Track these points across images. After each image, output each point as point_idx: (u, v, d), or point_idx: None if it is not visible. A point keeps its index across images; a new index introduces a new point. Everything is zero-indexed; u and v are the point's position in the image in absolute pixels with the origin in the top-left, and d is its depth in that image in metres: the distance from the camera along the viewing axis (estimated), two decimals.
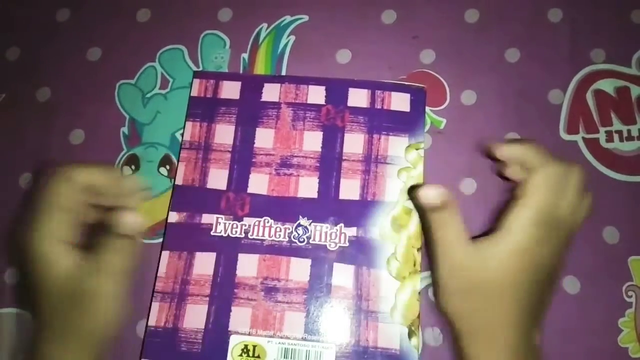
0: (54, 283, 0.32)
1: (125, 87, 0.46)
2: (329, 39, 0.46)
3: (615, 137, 0.42)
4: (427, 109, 0.43)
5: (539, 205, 0.31)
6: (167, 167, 0.44)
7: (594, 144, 0.42)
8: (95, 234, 0.33)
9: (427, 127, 0.43)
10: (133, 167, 0.44)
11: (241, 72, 0.45)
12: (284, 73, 0.45)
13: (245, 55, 0.46)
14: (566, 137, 0.43)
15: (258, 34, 0.46)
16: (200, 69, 0.46)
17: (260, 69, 0.45)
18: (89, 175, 0.34)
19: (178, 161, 0.42)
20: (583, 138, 0.43)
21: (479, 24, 0.45)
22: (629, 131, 0.43)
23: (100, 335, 0.33)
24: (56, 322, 0.32)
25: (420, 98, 0.42)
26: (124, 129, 0.45)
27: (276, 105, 0.43)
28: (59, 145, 0.45)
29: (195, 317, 0.38)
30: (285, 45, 0.46)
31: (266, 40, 0.46)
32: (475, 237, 0.32)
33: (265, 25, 0.47)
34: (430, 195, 0.30)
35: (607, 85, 0.44)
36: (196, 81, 0.44)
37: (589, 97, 0.43)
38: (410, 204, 0.40)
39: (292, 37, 0.46)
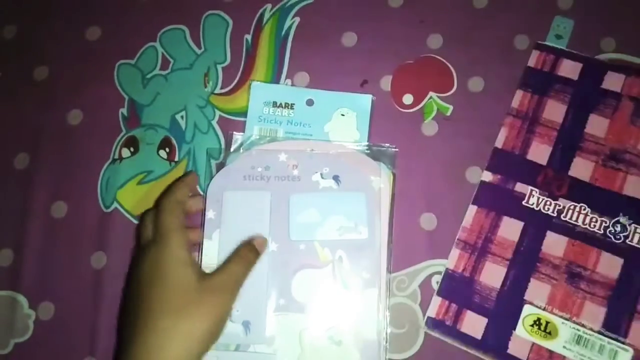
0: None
1: (124, 67, 0.45)
2: (334, 21, 0.45)
3: None
4: (434, 95, 0.42)
5: None
6: (167, 149, 0.43)
7: None
8: None
9: (449, 113, 0.42)
10: (132, 149, 0.43)
11: (244, 52, 0.44)
12: (287, 55, 0.44)
13: (248, 37, 0.45)
14: None
15: (262, 15, 0.45)
16: (202, 50, 0.45)
17: (263, 50, 0.44)
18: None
19: (502, 126, 0.41)
20: None
21: (487, 10, 0.44)
22: None
23: None
24: None
25: None
26: (123, 110, 0.44)
27: (617, 96, 0.41)
28: (56, 126, 0.44)
29: (493, 275, 0.39)
30: (290, 26, 0.45)
31: (270, 22, 0.45)
32: None
33: (269, 6, 0.45)
34: None
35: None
36: (535, 52, 0.43)
37: None
38: None
39: (297, 19, 0.45)
